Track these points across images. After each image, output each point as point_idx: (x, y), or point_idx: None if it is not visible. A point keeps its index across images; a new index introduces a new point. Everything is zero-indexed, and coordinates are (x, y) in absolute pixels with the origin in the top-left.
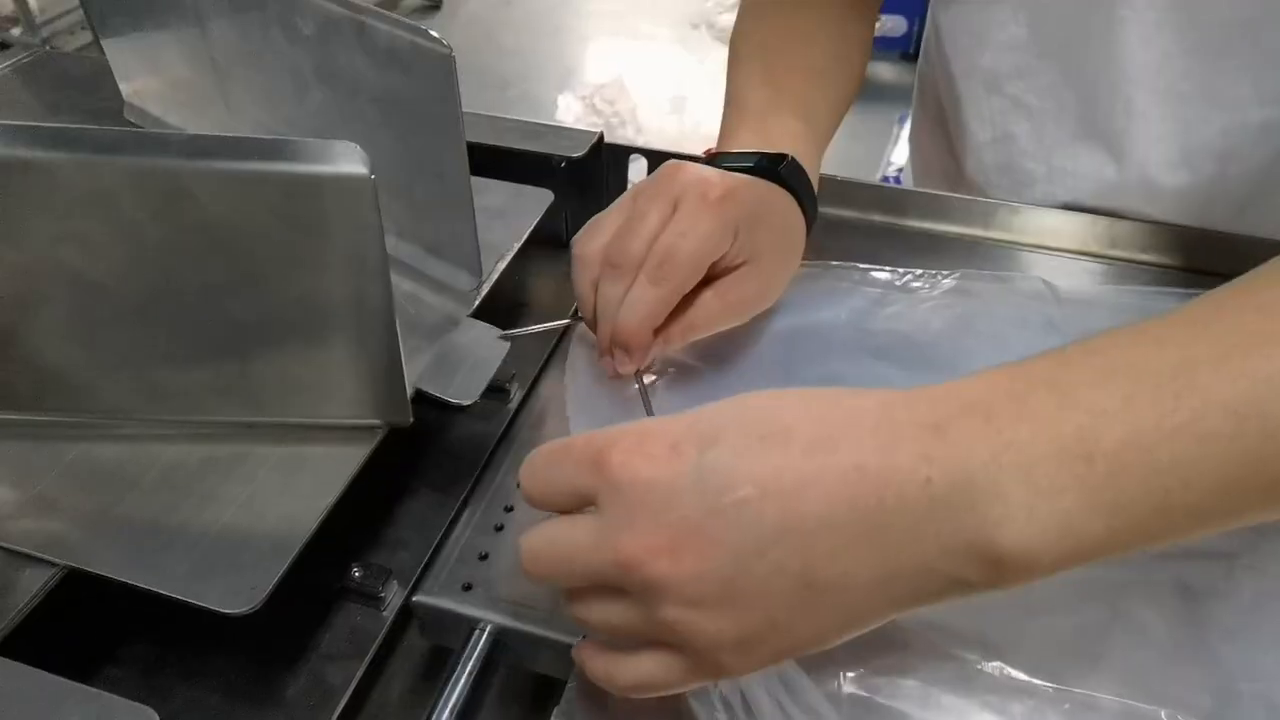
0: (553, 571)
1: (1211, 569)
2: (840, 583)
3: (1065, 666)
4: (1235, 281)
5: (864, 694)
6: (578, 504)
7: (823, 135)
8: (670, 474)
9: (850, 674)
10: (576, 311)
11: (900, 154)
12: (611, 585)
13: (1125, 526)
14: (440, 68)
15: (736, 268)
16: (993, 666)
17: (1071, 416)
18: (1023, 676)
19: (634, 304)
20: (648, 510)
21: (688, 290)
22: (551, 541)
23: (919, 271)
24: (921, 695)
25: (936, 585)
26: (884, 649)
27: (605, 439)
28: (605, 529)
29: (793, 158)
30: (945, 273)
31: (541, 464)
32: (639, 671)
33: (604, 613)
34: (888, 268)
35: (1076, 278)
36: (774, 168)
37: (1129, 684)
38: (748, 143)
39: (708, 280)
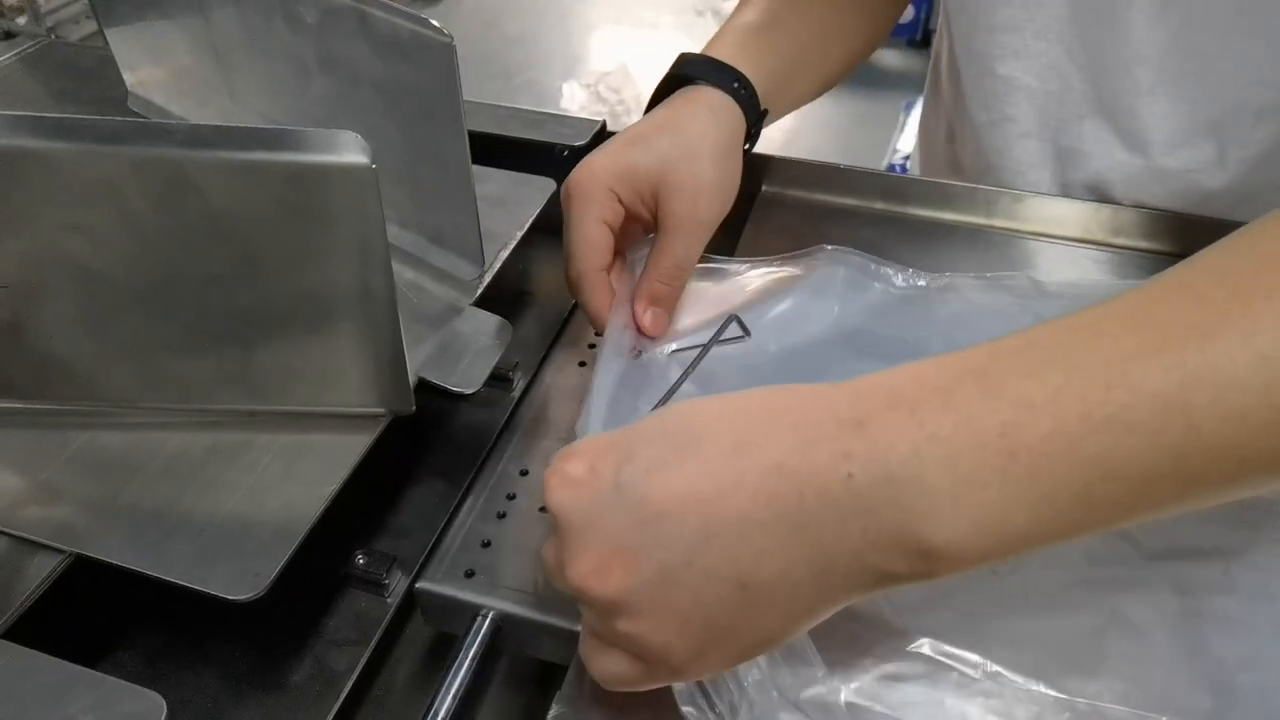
0: (553, 583)
1: (1208, 568)
2: (773, 582)
3: (1065, 671)
4: (1175, 269)
5: (864, 702)
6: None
7: (774, 68)
8: (590, 496)
9: (854, 684)
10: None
11: (906, 141)
12: (582, 601)
13: (1049, 518)
14: (441, 56)
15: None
16: (993, 672)
17: (997, 409)
18: (1022, 681)
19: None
20: (577, 534)
21: (604, 266)
22: (546, 560)
23: (909, 271)
24: (923, 702)
25: (869, 578)
26: (883, 656)
27: (554, 463)
28: (557, 554)
29: (703, 57)
30: (934, 275)
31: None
32: (608, 667)
33: (588, 618)
34: (888, 266)
35: (1079, 265)
36: (680, 73)
37: (1129, 686)
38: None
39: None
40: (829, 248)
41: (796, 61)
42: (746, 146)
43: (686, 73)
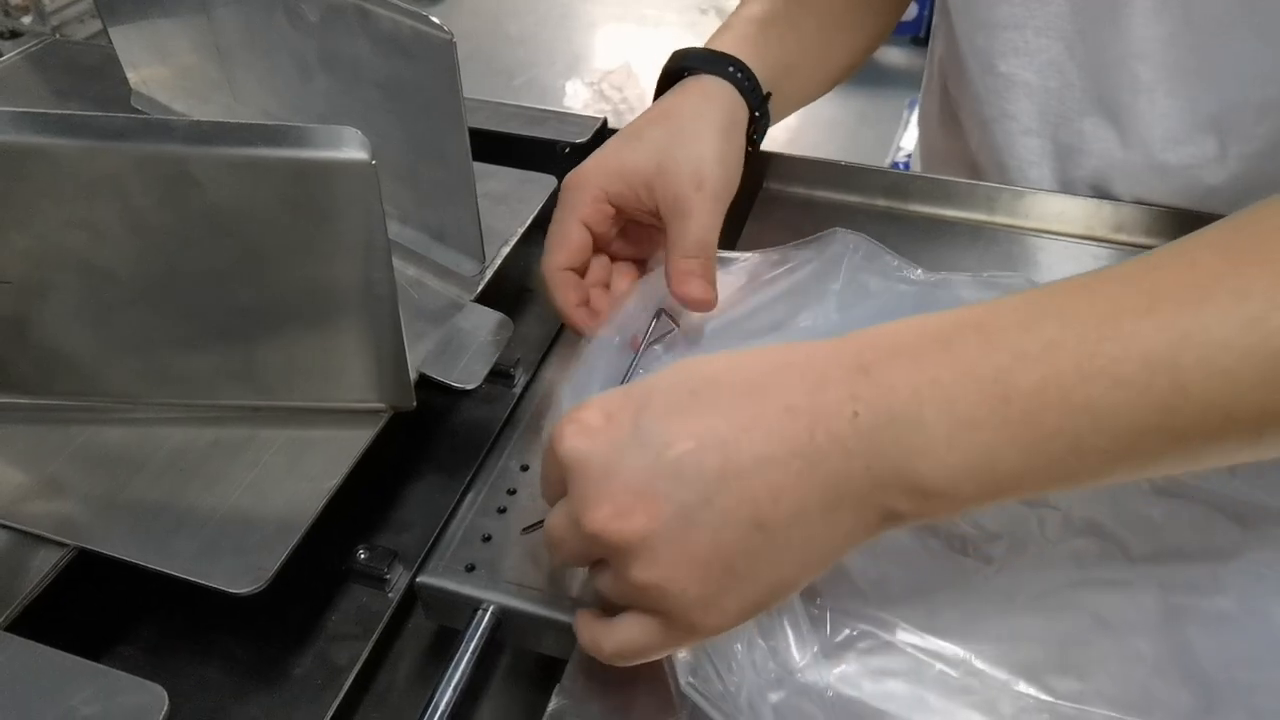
0: (559, 556)
1: (1196, 571)
2: (788, 520)
3: (1048, 670)
4: (1182, 239)
5: (849, 691)
6: (561, 491)
7: (773, 59)
8: (608, 442)
9: (836, 671)
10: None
11: (910, 139)
12: (596, 556)
13: (1040, 464)
14: (442, 54)
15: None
16: (976, 669)
17: (993, 358)
18: (1005, 679)
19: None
20: (595, 480)
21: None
22: (549, 530)
23: (906, 264)
24: (908, 696)
25: (874, 516)
26: (869, 650)
27: (557, 424)
28: (572, 508)
29: (702, 49)
30: (933, 273)
31: (540, 465)
32: (620, 637)
33: (600, 582)
34: (890, 258)
35: (1080, 262)
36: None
37: (1112, 687)
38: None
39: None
40: (839, 231)
41: (800, 54)
42: (755, 137)
43: (682, 66)
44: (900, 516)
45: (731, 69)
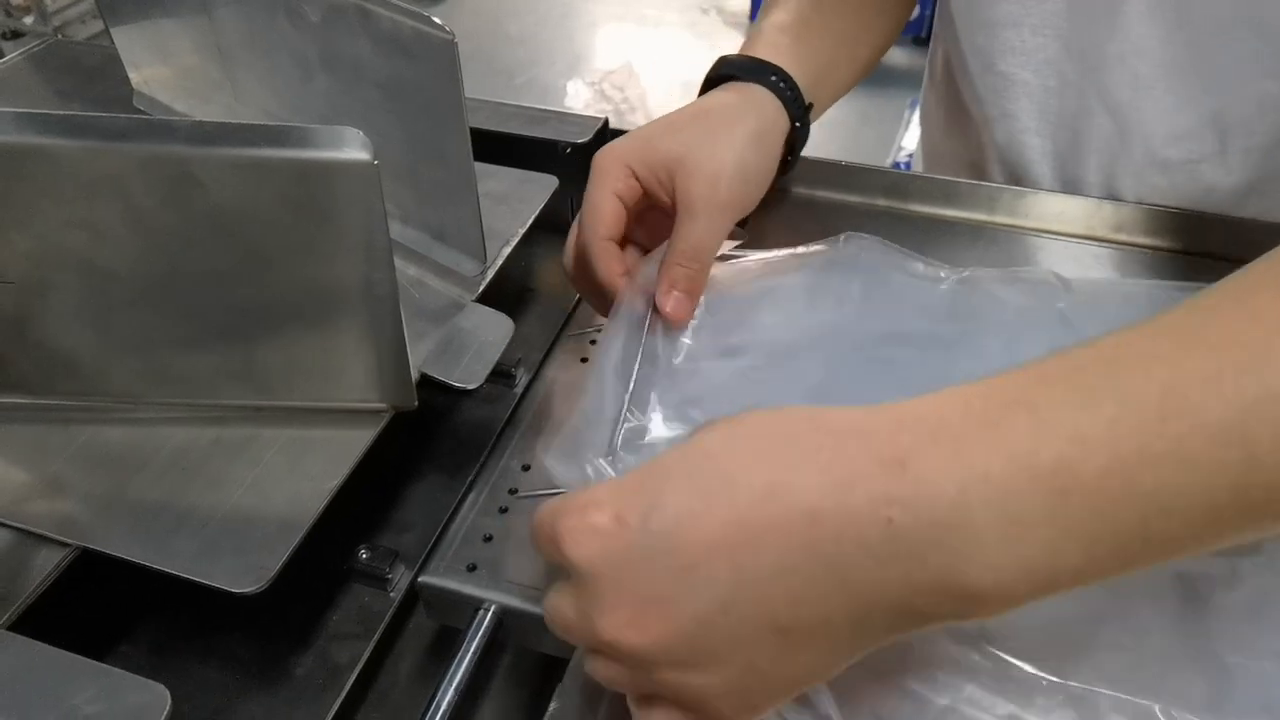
0: (563, 637)
1: (1215, 562)
2: (811, 626)
3: (1059, 655)
4: (1229, 280)
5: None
6: (562, 573)
7: (813, 64)
8: (620, 548)
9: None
10: None
11: (911, 139)
12: (609, 657)
13: (1104, 555)
14: (443, 53)
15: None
16: (988, 653)
17: (1050, 444)
18: (1016, 663)
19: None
20: (607, 587)
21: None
22: (553, 612)
23: (930, 262)
24: (918, 676)
25: (910, 621)
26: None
27: (556, 512)
28: (580, 607)
29: (742, 56)
30: (952, 268)
31: (532, 536)
32: None
33: (609, 674)
34: (910, 256)
35: (1081, 261)
36: (717, 74)
37: (1124, 673)
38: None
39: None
40: (851, 234)
41: (832, 60)
42: (795, 147)
43: (725, 73)
44: (939, 618)
45: (774, 78)
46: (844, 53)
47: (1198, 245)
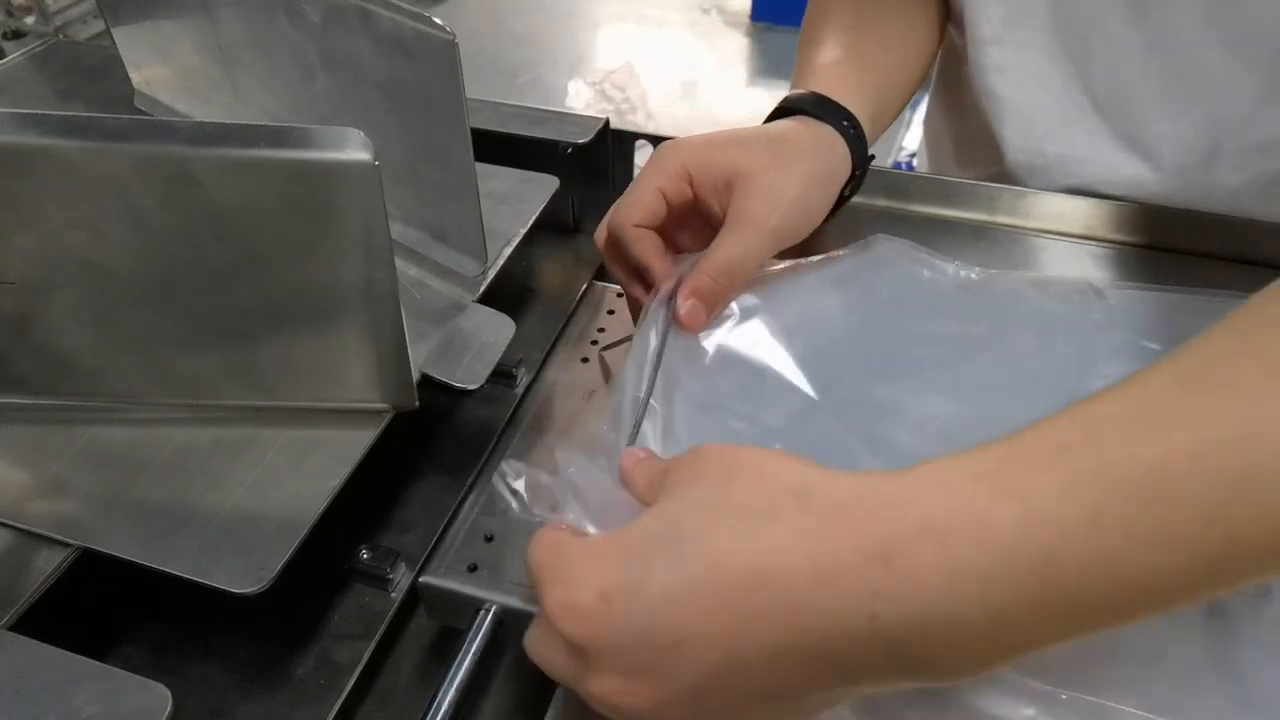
0: (549, 674)
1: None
2: (801, 693)
3: (1069, 666)
4: (1216, 331)
5: None
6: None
7: (870, 82)
8: (607, 629)
9: None
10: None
11: (913, 139)
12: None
13: (1080, 630)
14: (443, 54)
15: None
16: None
17: (1035, 538)
18: (1020, 676)
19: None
20: (596, 658)
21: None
22: (539, 654)
23: (959, 263)
24: (932, 692)
25: (899, 684)
26: None
27: (543, 578)
28: (572, 666)
29: (812, 93)
30: (980, 269)
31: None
32: None
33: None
34: (939, 258)
35: (1080, 262)
36: (787, 107)
37: (1137, 688)
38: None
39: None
40: (880, 235)
41: (886, 97)
42: (846, 193)
43: (798, 108)
44: (926, 684)
45: (846, 122)
46: (895, 93)
47: (1197, 245)
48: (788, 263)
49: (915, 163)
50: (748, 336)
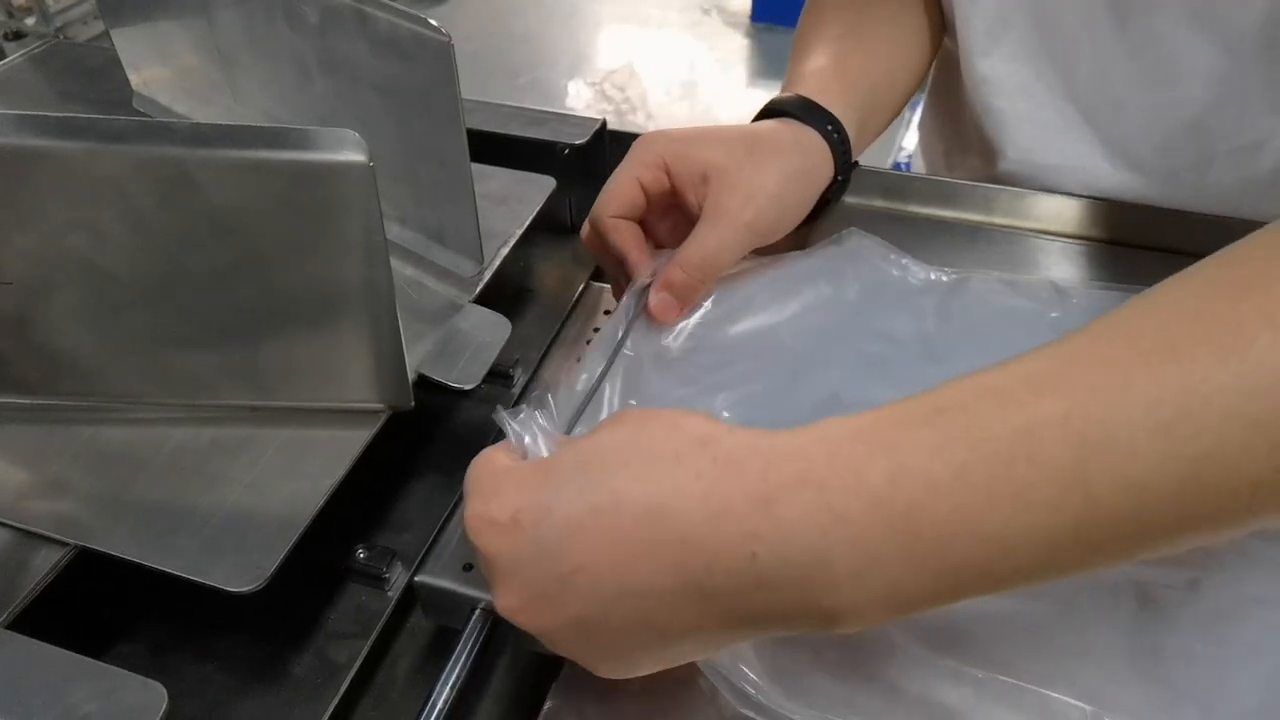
0: None
1: (1176, 574)
2: (684, 630)
3: (1000, 653)
4: (1103, 317)
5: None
6: None
7: (857, 83)
8: (511, 547)
9: (805, 656)
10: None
11: (911, 139)
12: None
13: (950, 586)
14: (440, 55)
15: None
16: (937, 646)
17: (905, 490)
18: (954, 664)
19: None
20: (501, 575)
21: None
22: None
23: (927, 265)
24: (868, 676)
25: (777, 630)
26: (837, 639)
27: (470, 491)
28: (485, 575)
29: (797, 96)
30: (950, 270)
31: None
32: None
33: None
34: (907, 258)
35: (1078, 262)
36: (772, 109)
37: (1064, 675)
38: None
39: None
40: (854, 230)
41: (871, 106)
42: (828, 197)
43: (782, 111)
44: (807, 631)
45: (829, 126)
46: (885, 99)
47: (1194, 246)
48: (762, 259)
49: (912, 162)
50: (716, 330)
